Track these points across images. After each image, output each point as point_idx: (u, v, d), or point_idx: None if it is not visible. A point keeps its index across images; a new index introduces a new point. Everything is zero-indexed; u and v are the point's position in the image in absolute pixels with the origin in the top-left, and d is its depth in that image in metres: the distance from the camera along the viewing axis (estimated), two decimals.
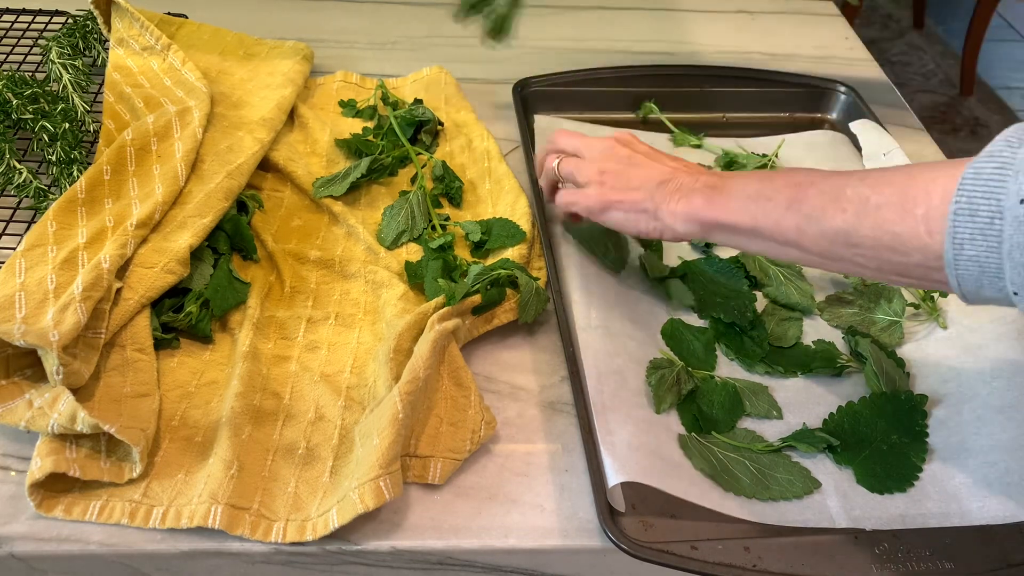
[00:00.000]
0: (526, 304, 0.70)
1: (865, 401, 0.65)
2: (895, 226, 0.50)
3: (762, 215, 0.58)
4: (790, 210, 0.56)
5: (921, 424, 0.64)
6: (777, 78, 1.02)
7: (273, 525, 0.56)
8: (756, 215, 0.58)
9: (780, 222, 0.57)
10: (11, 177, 0.78)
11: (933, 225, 0.48)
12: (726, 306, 0.73)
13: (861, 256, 0.53)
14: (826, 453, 0.63)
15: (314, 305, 0.72)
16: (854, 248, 0.53)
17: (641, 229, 0.66)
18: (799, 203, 0.55)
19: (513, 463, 0.62)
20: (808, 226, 0.55)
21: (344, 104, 0.96)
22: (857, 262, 0.54)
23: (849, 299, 0.75)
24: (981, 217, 0.47)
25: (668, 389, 0.66)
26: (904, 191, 0.50)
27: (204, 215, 0.72)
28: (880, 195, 0.51)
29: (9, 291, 0.62)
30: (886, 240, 0.51)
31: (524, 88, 0.96)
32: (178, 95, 0.86)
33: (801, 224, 0.55)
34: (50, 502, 0.56)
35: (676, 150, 0.94)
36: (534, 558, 0.58)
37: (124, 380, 0.62)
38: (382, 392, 0.62)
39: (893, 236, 0.50)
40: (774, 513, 0.59)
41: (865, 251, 0.52)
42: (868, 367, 0.68)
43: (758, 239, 0.59)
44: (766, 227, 0.57)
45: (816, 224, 0.54)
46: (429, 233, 0.79)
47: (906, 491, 0.60)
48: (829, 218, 0.54)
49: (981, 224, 0.47)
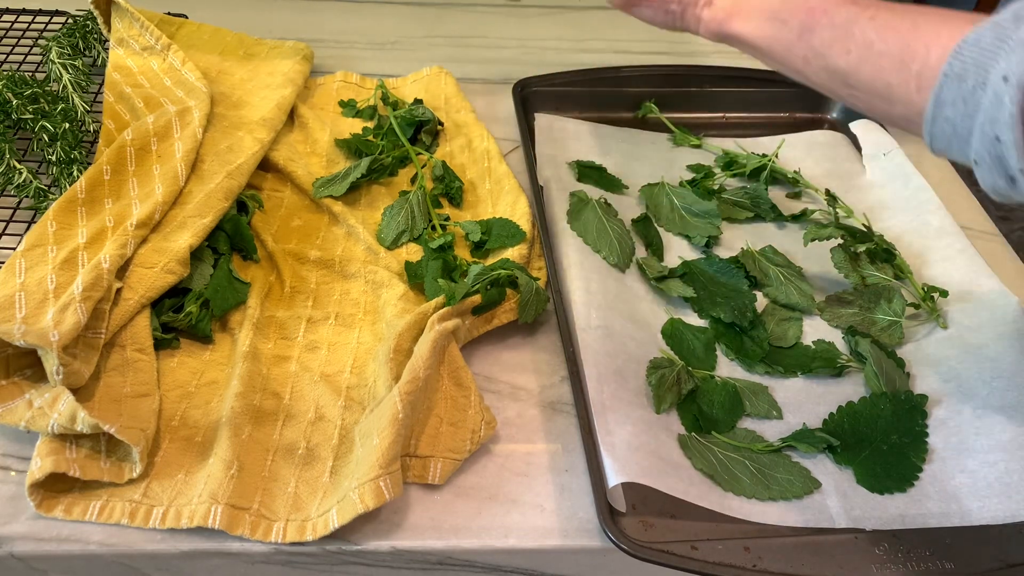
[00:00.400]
0: (526, 304, 0.70)
1: (865, 401, 0.65)
2: (890, 76, 0.53)
3: (775, 39, 0.61)
4: (801, 39, 0.59)
5: (921, 424, 0.64)
6: (777, 78, 1.01)
7: (273, 525, 0.56)
8: (770, 38, 0.61)
9: (790, 49, 0.60)
10: (11, 177, 0.78)
11: (924, 83, 0.51)
12: (726, 306, 0.73)
13: (854, 97, 0.57)
14: (826, 453, 0.63)
15: (314, 305, 0.72)
16: (850, 88, 0.56)
17: (666, 25, 0.70)
18: (810, 33, 0.58)
19: (513, 463, 0.62)
20: (814, 59, 0.58)
21: (344, 104, 0.96)
22: (850, 101, 0.58)
23: (849, 299, 0.75)
24: (967, 84, 0.48)
25: (668, 389, 0.66)
26: (906, 43, 0.52)
27: (204, 215, 0.72)
28: (884, 42, 0.54)
29: (9, 291, 0.62)
30: (879, 88, 0.54)
31: (524, 88, 0.96)
32: (178, 95, 0.86)
33: (808, 56, 0.59)
34: (50, 502, 0.56)
35: (676, 150, 0.94)
36: (534, 558, 0.58)
37: (124, 380, 0.62)
38: (382, 392, 0.62)
39: (886, 85, 0.53)
40: (774, 513, 0.59)
41: (859, 93, 0.56)
42: (868, 367, 0.68)
43: (769, 59, 0.63)
44: (778, 52, 0.61)
45: (821, 59, 0.58)
46: (429, 233, 0.79)
47: (906, 491, 0.60)
48: (834, 56, 0.57)
49: (965, 91, 0.48)
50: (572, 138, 0.93)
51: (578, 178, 0.86)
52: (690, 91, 1.00)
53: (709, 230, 0.81)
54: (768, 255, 0.78)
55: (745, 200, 0.86)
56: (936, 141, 0.51)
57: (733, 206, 0.85)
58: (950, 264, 0.78)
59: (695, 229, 0.81)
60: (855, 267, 0.76)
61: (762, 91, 1.01)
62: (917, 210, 0.84)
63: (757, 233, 0.83)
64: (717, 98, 1.00)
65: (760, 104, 1.01)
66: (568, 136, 0.93)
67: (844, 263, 0.76)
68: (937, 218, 0.82)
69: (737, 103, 1.01)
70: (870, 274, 0.76)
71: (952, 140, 0.50)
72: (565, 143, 0.92)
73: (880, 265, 0.77)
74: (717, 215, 0.82)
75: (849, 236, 0.78)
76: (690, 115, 0.99)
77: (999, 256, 0.82)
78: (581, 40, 1.13)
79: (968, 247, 0.79)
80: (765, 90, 1.01)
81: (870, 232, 0.80)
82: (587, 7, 1.20)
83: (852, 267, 0.76)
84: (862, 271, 0.76)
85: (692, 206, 0.83)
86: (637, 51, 1.10)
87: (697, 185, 0.87)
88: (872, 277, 0.76)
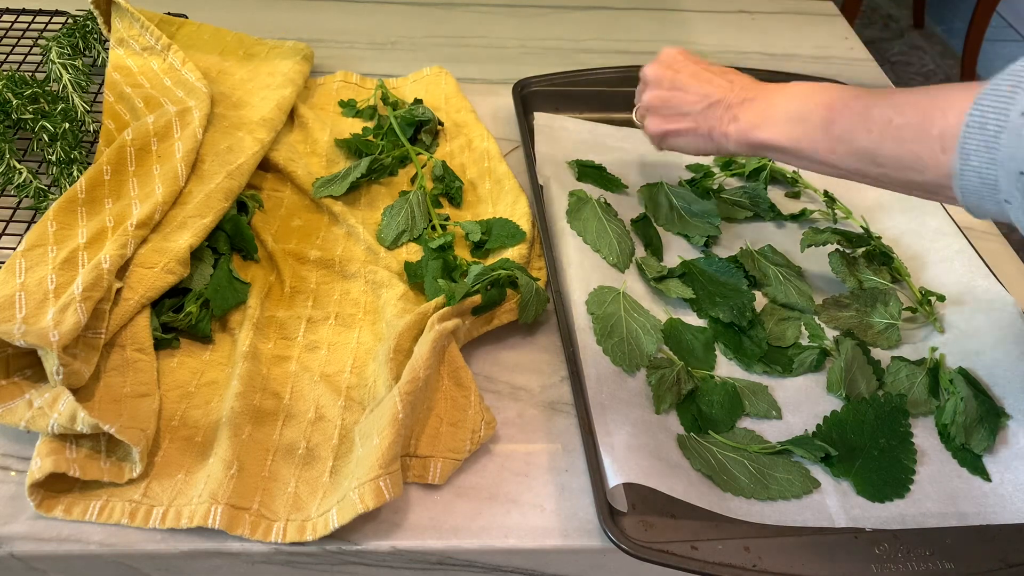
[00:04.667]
0: (526, 304, 0.70)
1: (848, 408, 0.65)
2: (914, 145, 0.54)
3: (801, 138, 0.63)
4: (824, 132, 0.61)
5: (905, 425, 0.63)
6: (777, 78, 1.01)
7: (273, 525, 0.56)
8: (797, 138, 0.63)
9: (816, 143, 0.62)
10: (11, 177, 0.78)
11: (947, 143, 0.52)
12: (725, 305, 0.73)
13: (886, 175, 0.58)
14: (821, 465, 0.62)
15: (314, 305, 0.72)
16: (880, 167, 0.57)
17: (701, 150, 0.72)
18: (832, 124, 0.60)
19: (513, 463, 0.62)
20: (839, 146, 0.60)
21: (344, 104, 0.96)
22: (884, 181, 0.58)
23: (846, 302, 0.74)
24: (989, 130, 0.49)
25: (668, 389, 0.66)
26: (924, 112, 0.53)
27: (204, 215, 0.73)
28: (902, 116, 0.55)
29: (9, 291, 0.62)
30: (906, 159, 0.55)
31: (524, 88, 0.96)
32: (178, 95, 0.86)
33: (834, 145, 0.60)
34: (50, 502, 0.56)
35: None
36: (534, 558, 0.58)
37: (124, 380, 0.62)
38: (382, 392, 0.62)
39: (913, 155, 0.54)
40: (773, 513, 0.59)
41: (889, 170, 0.57)
42: (836, 365, 0.68)
43: (799, 159, 0.64)
44: (806, 149, 0.63)
45: (846, 144, 0.59)
46: (429, 233, 0.79)
47: (904, 497, 0.60)
48: (857, 139, 0.58)
49: (988, 137, 0.49)
50: (572, 137, 0.93)
51: (578, 177, 0.86)
52: None
53: (708, 230, 0.81)
54: (767, 255, 0.78)
55: (744, 200, 0.86)
56: (968, 196, 0.52)
57: (732, 206, 0.85)
58: (948, 265, 0.78)
59: (694, 229, 0.81)
60: (852, 271, 0.76)
61: None
62: (915, 211, 0.84)
63: (756, 233, 0.83)
64: None
65: None
66: (568, 135, 0.93)
67: (841, 267, 0.76)
68: (935, 219, 0.82)
69: None
70: (867, 278, 0.76)
71: (982, 190, 0.51)
72: (565, 142, 0.92)
73: (878, 268, 0.77)
74: (716, 215, 0.82)
75: (846, 240, 0.78)
76: None
77: (999, 256, 0.82)
78: (581, 40, 1.13)
79: (966, 248, 0.79)
80: None
81: (868, 234, 0.80)
82: (587, 7, 1.20)
83: (849, 271, 0.76)
84: (859, 275, 0.76)
85: (691, 206, 0.83)
86: (637, 51, 1.10)
87: (696, 185, 0.87)
88: (869, 281, 0.76)
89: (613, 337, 0.68)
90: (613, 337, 0.68)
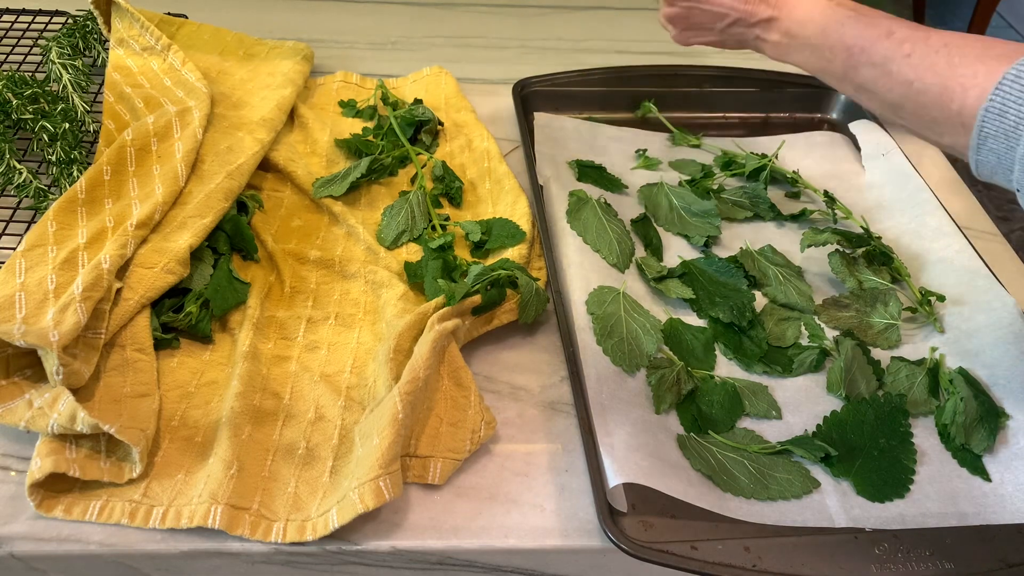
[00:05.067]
0: (526, 304, 0.70)
1: (848, 408, 0.65)
2: (933, 112, 0.56)
3: (826, 72, 0.65)
4: (847, 77, 0.63)
5: (905, 425, 0.64)
6: (777, 78, 1.02)
7: (273, 525, 0.56)
8: (822, 71, 0.66)
9: (842, 83, 0.64)
10: (11, 177, 0.78)
11: (966, 120, 0.54)
12: (725, 305, 0.73)
13: (908, 126, 0.60)
14: (821, 465, 0.62)
15: (314, 305, 0.72)
16: (902, 119, 0.60)
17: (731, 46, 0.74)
18: (854, 71, 0.62)
19: (513, 463, 0.62)
20: (863, 94, 0.63)
21: (344, 104, 0.96)
22: (907, 128, 0.61)
23: (846, 303, 0.74)
24: (1008, 119, 0.51)
25: (668, 389, 0.66)
26: (944, 84, 0.55)
27: (204, 215, 0.73)
28: (922, 81, 0.57)
29: (9, 291, 0.62)
30: (926, 121, 0.58)
31: (524, 88, 0.96)
32: (178, 95, 0.86)
33: (858, 92, 0.63)
34: (50, 502, 0.56)
35: (675, 150, 0.94)
36: (534, 558, 0.58)
37: (124, 380, 0.62)
38: (382, 392, 0.62)
39: (931, 119, 0.57)
40: (773, 513, 0.59)
41: (909, 122, 0.60)
42: (836, 365, 0.68)
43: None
44: (834, 83, 0.66)
45: (869, 94, 0.62)
46: (429, 233, 0.79)
47: (904, 497, 0.60)
48: (880, 93, 0.61)
49: (1007, 126, 0.51)
50: (572, 137, 0.93)
51: (578, 177, 0.86)
52: (689, 91, 1.00)
53: (708, 230, 0.81)
54: (767, 255, 0.78)
55: (744, 200, 0.86)
56: (982, 168, 0.55)
57: (732, 206, 0.85)
58: (947, 265, 0.78)
59: (694, 229, 0.81)
60: (852, 271, 0.76)
61: (761, 91, 1.01)
62: (915, 211, 0.84)
63: (756, 233, 0.83)
64: (717, 98, 1.01)
65: (760, 104, 1.01)
66: (568, 135, 0.93)
67: (841, 268, 0.76)
68: (935, 219, 0.82)
69: (737, 103, 1.01)
70: (867, 278, 0.76)
71: (996, 169, 0.54)
72: (565, 142, 0.92)
73: (877, 268, 0.77)
74: (716, 215, 0.82)
75: (846, 240, 0.78)
76: (690, 115, 0.99)
77: (999, 256, 0.82)
78: (581, 40, 1.13)
79: (966, 247, 0.79)
80: (764, 91, 1.01)
81: (868, 234, 0.80)
82: (587, 7, 1.20)
83: (849, 272, 0.76)
84: (859, 275, 0.76)
85: (691, 206, 0.83)
86: (637, 51, 1.10)
87: (696, 185, 0.87)
88: (869, 281, 0.76)
89: (613, 337, 0.68)
90: (613, 337, 0.68)
